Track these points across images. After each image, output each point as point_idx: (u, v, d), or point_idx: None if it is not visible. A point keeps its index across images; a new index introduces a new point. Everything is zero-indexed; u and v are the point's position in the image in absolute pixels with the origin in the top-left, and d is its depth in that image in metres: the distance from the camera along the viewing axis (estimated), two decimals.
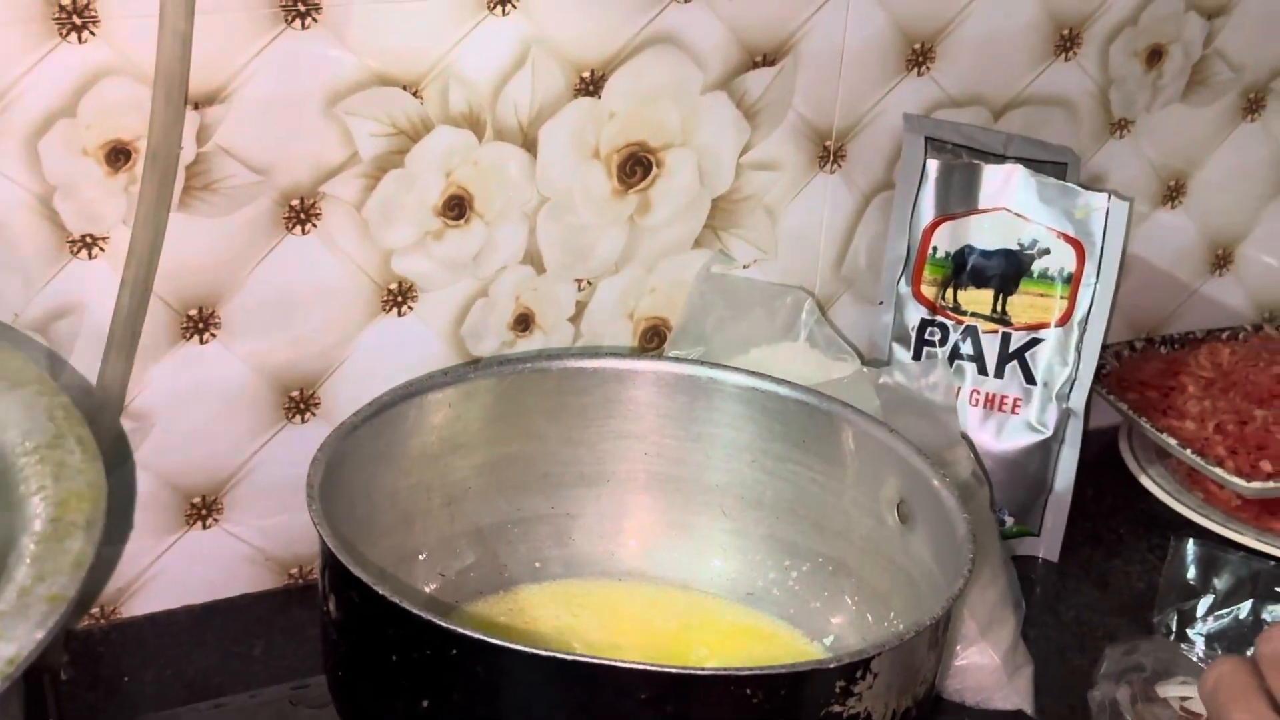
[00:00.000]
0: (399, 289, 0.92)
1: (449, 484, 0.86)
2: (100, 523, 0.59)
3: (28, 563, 0.57)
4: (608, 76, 0.92)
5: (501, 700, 0.68)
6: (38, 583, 0.56)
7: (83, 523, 0.59)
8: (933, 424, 0.94)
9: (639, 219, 0.97)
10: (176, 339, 0.87)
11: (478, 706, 0.68)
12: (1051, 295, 1.01)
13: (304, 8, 0.83)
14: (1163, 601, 0.95)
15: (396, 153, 0.89)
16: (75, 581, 0.56)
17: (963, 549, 0.76)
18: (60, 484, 0.61)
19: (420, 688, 0.69)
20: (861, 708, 0.69)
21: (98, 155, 0.82)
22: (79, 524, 0.59)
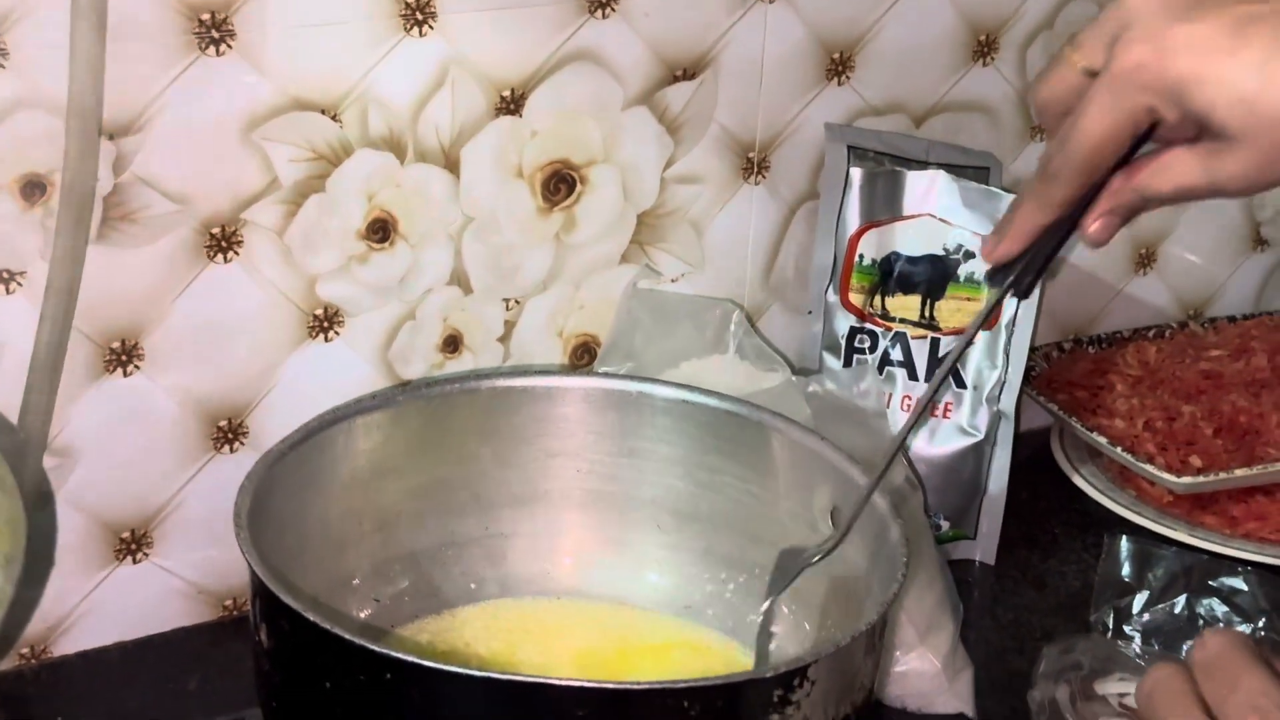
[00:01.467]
0: (325, 314, 0.91)
1: (380, 508, 0.85)
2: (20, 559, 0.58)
3: None
4: (528, 94, 0.92)
5: None
6: None
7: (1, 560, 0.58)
8: (864, 431, 0.94)
9: (565, 236, 0.96)
10: (99, 373, 0.86)
11: None
12: (978, 298, 1.01)
13: (218, 34, 0.82)
14: (1099, 599, 0.96)
15: (317, 177, 0.88)
16: None
17: (896, 554, 0.76)
18: None
19: (356, 714, 0.68)
20: (800, 716, 0.69)
21: (12, 189, 0.81)
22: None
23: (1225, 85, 0.59)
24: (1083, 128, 0.63)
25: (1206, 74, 0.59)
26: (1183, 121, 0.62)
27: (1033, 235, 0.67)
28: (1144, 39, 0.60)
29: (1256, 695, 0.55)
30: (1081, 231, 0.67)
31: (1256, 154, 0.60)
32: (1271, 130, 0.59)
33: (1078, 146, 0.63)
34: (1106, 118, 0.62)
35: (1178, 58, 0.60)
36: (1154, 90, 0.61)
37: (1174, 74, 0.60)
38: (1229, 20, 0.59)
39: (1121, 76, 0.61)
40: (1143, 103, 0.61)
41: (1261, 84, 0.58)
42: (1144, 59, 0.60)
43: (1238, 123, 0.59)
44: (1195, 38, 0.59)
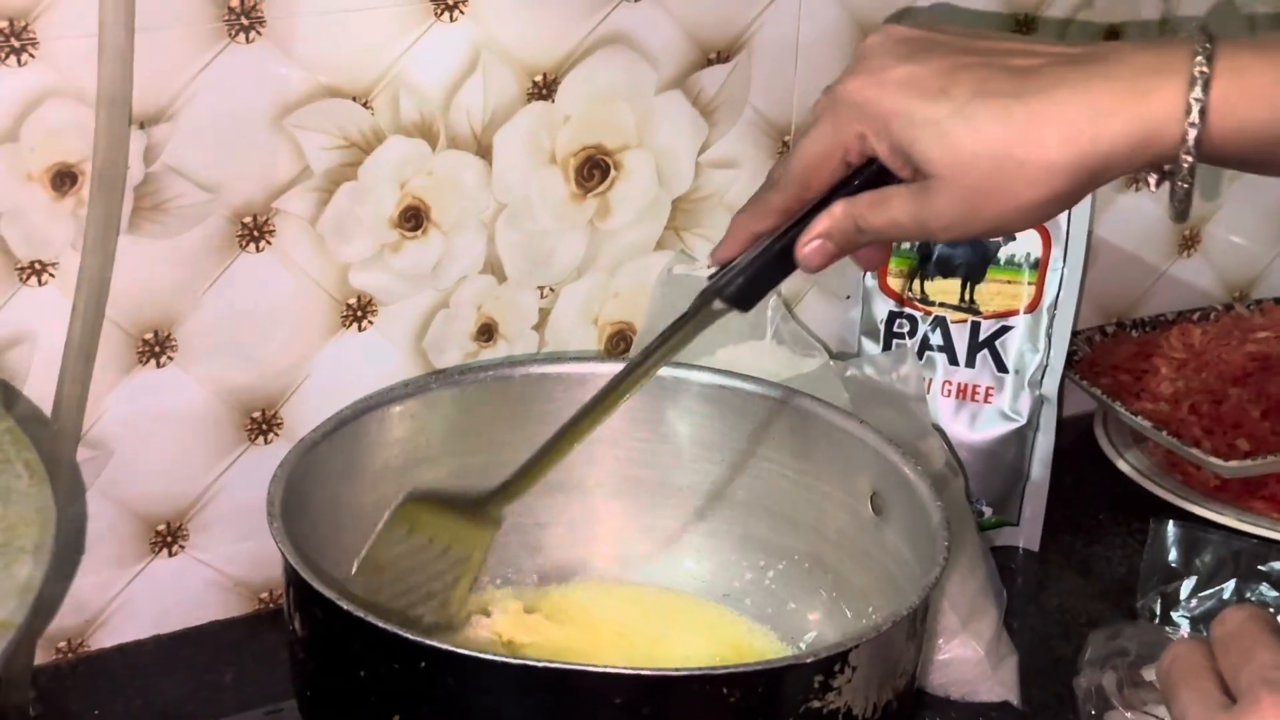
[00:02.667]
0: (358, 303, 0.90)
1: None
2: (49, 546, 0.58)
3: None
4: (560, 79, 0.91)
5: (474, 711, 0.66)
6: None
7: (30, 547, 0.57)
8: (904, 416, 0.93)
9: (599, 223, 0.96)
10: (132, 364, 0.86)
11: (450, 718, 0.66)
12: (1019, 282, 1.00)
13: (247, 21, 0.82)
14: (1145, 585, 0.95)
15: (349, 165, 0.87)
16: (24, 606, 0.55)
17: (938, 537, 0.75)
18: (8, 509, 0.60)
19: (390, 702, 0.68)
20: (841, 702, 0.68)
21: (43, 180, 0.80)
22: (26, 549, 0.57)
23: (928, 125, 0.62)
24: (804, 141, 0.67)
25: (914, 112, 0.63)
26: (893, 156, 0.64)
27: (747, 240, 0.69)
28: (868, 71, 0.65)
29: (1269, 669, 0.55)
30: (797, 254, 0.68)
31: (958, 194, 0.63)
32: (967, 173, 0.62)
33: (795, 158, 0.67)
34: (823, 137, 0.66)
35: (889, 92, 0.64)
36: (867, 120, 0.64)
37: (885, 107, 0.64)
38: (945, 65, 0.63)
39: (842, 100, 0.66)
40: (855, 129, 0.65)
41: (958, 126, 0.62)
42: (864, 90, 0.65)
43: (938, 161, 0.62)
44: (910, 77, 0.63)
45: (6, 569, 0.56)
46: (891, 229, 0.66)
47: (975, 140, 0.62)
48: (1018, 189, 0.62)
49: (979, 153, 0.62)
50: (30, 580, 0.56)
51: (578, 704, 0.66)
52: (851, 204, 0.66)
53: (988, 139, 0.62)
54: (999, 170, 0.62)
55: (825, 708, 0.68)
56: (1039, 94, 0.61)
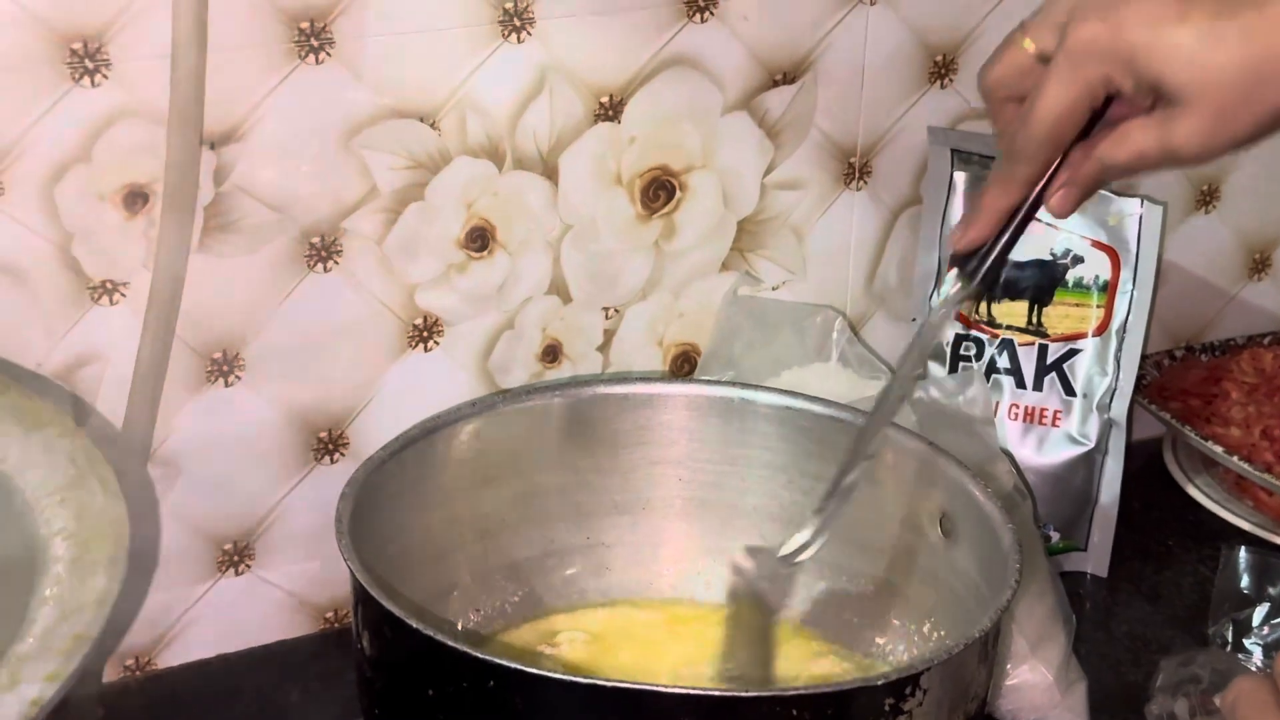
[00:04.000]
0: (424, 324, 0.91)
1: (481, 517, 0.85)
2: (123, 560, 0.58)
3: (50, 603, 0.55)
4: (626, 100, 0.91)
5: None
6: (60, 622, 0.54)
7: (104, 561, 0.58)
8: (971, 439, 0.92)
9: (664, 244, 0.95)
10: (201, 383, 0.86)
11: None
12: (1088, 304, 0.99)
13: (317, 42, 0.82)
14: (1217, 612, 0.93)
15: (416, 185, 0.88)
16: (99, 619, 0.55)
17: (1009, 560, 0.74)
18: (83, 524, 0.60)
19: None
20: None
21: (115, 200, 0.81)
22: (101, 562, 0.58)
23: (1174, 50, 0.63)
24: (1044, 104, 0.66)
25: (1157, 41, 0.63)
26: (1137, 90, 0.65)
27: (1003, 217, 0.69)
28: (1097, 16, 0.64)
29: None
30: (1046, 203, 0.69)
31: (1207, 114, 0.64)
32: (1219, 89, 0.63)
33: (1040, 121, 0.66)
34: (1068, 91, 0.65)
35: (1130, 29, 0.64)
36: (1110, 60, 0.64)
37: (1127, 43, 0.64)
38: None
39: (1078, 50, 0.65)
40: (1100, 73, 0.65)
41: (1207, 47, 0.63)
42: (1098, 33, 0.64)
43: (1187, 84, 0.63)
44: (1144, 11, 0.64)
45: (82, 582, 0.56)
46: (1137, 161, 0.66)
47: (1226, 57, 0.62)
48: (1266, 95, 0.63)
49: (1230, 67, 0.63)
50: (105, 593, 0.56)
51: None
52: (1090, 148, 0.67)
53: (1237, 53, 0.62)
54: (1249, 79, 0.63)
55: None
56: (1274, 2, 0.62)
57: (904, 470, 0.83)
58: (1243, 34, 0.62)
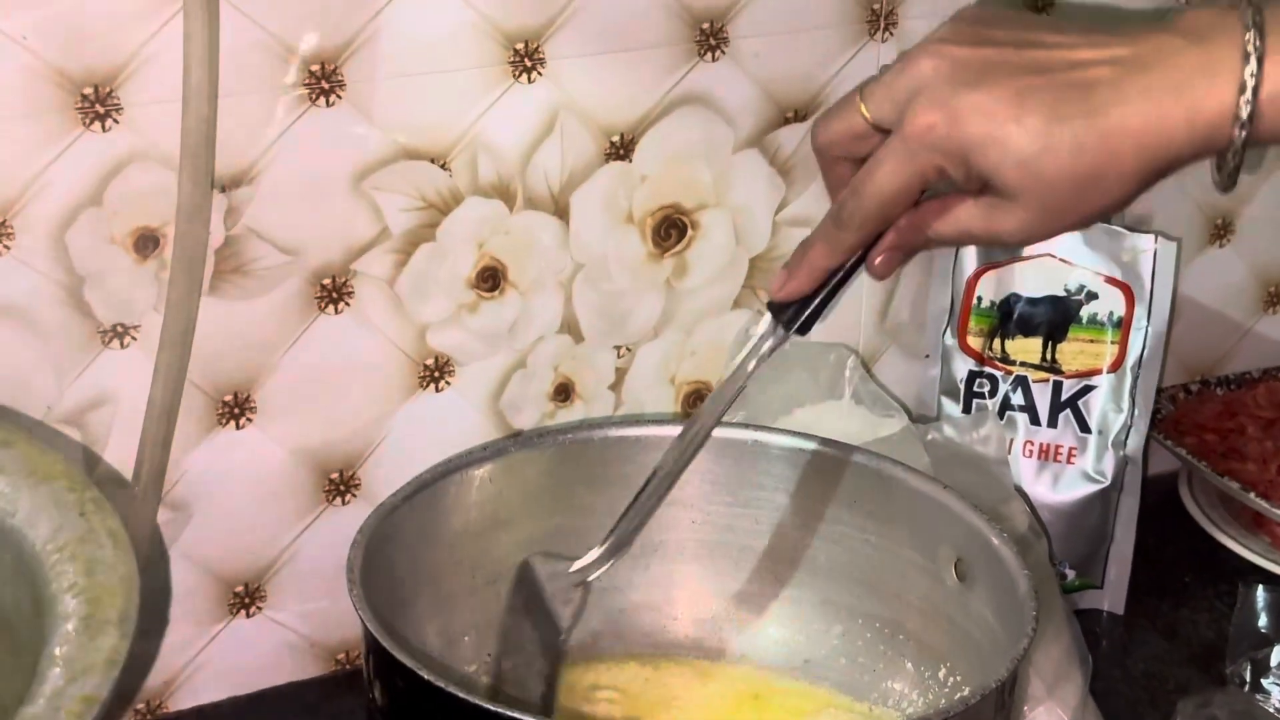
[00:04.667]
0: (436, 364, 0.90)
1: (492, 560, 0.84)
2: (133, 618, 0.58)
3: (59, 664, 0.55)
4: (638, 139, 0.91)
5: None
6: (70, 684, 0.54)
7: (115, 619, 0.57)
8: (985, 478, 0.92)
9: (676, 282, 0.95)
10: (212, 425, 0.86)
11: None
12: (1102, 341, 0.98)
13: (327, 85, 0.82)
14: (1234, 651, 0.93)
15: (427, 226, 0.88)
16: (108, 681, 0.54)
17: (1025, 606, 0.73)
18: (92, 579, 0.59)
19: None
20: None
21: (125, 243, 0.81)
22: (111, 620, 0.57)
23: (1008, 149, 0.64)
24: (877, 181, 0.68)
25: (991, 141, 0.65)
26: (969, 181, 0.67)
27: (822, 276, 0.72)
28: (936, 104, 0.66)
29: None
30: (868, 266, 0.71)
31: (1034, 211, 0.66)
32: (1047, 190, 0.65)
33: (871, 198, 0.68)
34: (900, 173, 0.67)
35: (966, 123, 0.65)
36: (944, 151, 0.66)
37: (962, 137, 0.65)
38: (1011, 90, 0.65)
39: (915, 137, 0.66)
40: (934, 162, 0.66)
41: (1039, 152, 0.64)
42: (935, 122, 0.65)
43: (1018, 183, 0.65)
44: (982, 105, 0.65)
45: (92, 641, 0.56)
46: (962, 237, 0.70)
47: (1057, 165, 0.64)
48: (1093, 199, 0.66)
49: (1061, 175, 0.65)
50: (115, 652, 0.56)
51: None
52: (919, 215, 0.69)
53: (1068, 163, 0.64)
54: (1078, 186, 0.65)
55: None
56: (1107, 110, 0.64)
57: (918, 514, 0.83)
58: (1075, 144, 0.64)
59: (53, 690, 0.54)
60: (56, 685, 0.54)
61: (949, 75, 0.66)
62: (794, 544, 0.87)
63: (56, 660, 0.55)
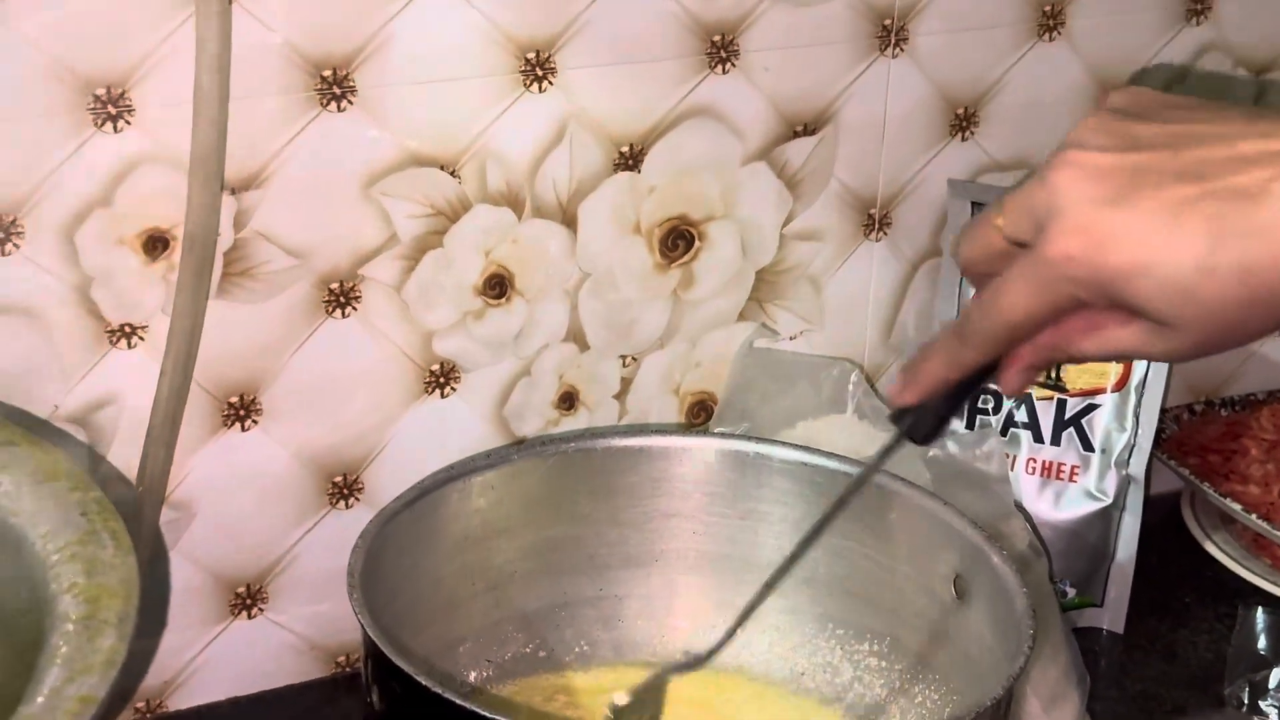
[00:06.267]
0: (441, 370, 0.91)
1: (493, 568, 0.85)
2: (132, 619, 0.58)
3: (58, 664, 0.55)
4: (647, 150, 0.91)
5: None
6: (68, 684, 0.54)
7: (114, 620, 0.57)
8: (986, 496, 0.92)
9: (682, 293, 0.95)
10: (217, 427, 0.86)
11: None
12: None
13: (339, 90, 0.83)
14: (1233, 673, 0.93)
15: (435, 233, 0.88)
16: (106, 681, 0.55)
17: (1023, 624, 0.74)
18: (92, 580, 0.60)
19: None
20: None
21: (134, 244, 0.81)
22: (110, 621, 0.57)
23: (1163, 279, 0.56)
24: (1004, 303, 0.61)
25: (1142, 268, 0.56)
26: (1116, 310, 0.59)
27: (937, 389, 0.65)
28: (1075, 230, 0.57)
29: None
30: (1000, 382, 0.64)
31: (1196, 336, 0.58)
32: (1210, 319, 0.57)
33: (996, 318, 0.61)
34: (1031, 300, 0.60)
35: (1111, 250, 0.57)
36: (1084, 283, 0.58)
37: (1109, 268, 0.57)
38: (1163, 207, 0.56)
39: (1051, 264, 0.58)
40: (1070, 293, 0.59)
41: (1200, 277, 0.56)
42: (1075, 252, 0.57)
43: (1176, 313, 0.57)
44: (1129, 228, 0.57)
45: (90, 641, 0.56)
46: (1111, 355, 0.62)
47: (1222, 294, 0.56)
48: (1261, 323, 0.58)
49: (1227, 304, 0.56)
50: (114, 653, 0.56)
51: None
52: (1060, 334, 0.61)
53: (1235, 290, 0.56)
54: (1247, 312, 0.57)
55: None
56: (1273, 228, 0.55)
57: (917, 530, 0.83)
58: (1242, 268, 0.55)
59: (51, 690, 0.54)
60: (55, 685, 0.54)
61: (1091, 192, 0.57)
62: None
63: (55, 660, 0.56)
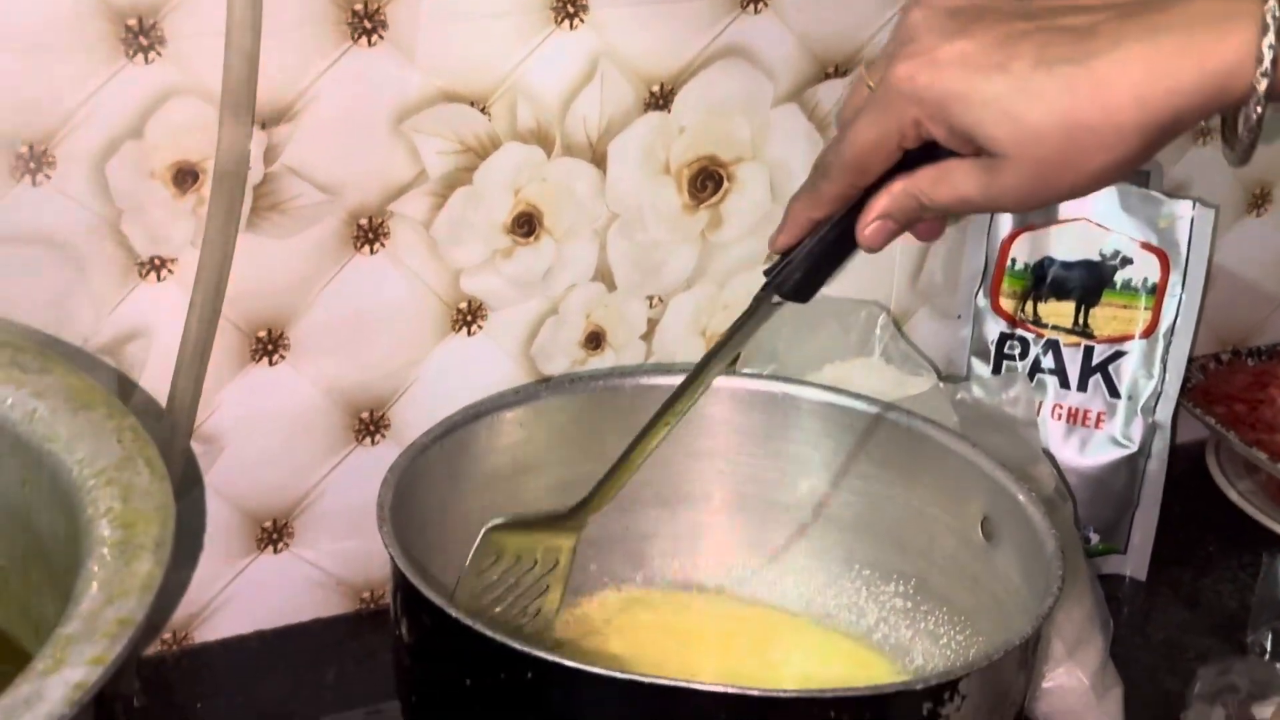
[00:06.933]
0: (468, 308, 0.91)
1: (520, 504, 0.84)
2: (169, 544, 0.58)
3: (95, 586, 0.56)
4: (677, 90, 0.91)
5: None
6: (106, 606, 0.55)
7: (151, 544, 0.58)
8: (1013, 440, 0.92)
9: (710, 235, 0.95)
10: (246, 361, 0.86)
11: None
12: (1135, 307, 0.98)
13: (370, 25, 0.82)
14: (1256, 620, 0.93)
15: (464, 170, 0.88)
16: (143, 605, 0.55)
17: (1051, 566, 0.74)
18: (128, 506, 0.60)
19: (495, 712, 0.68)
20: None
21: (165, 177, 0.81)
22: (147, 546, 0.58)
23: (990, 104, 0.59)
24: (854, 132, 0.64)
25: (972, 92, 0.60)
26: (952, 138, 0.61)
27: (805, 227, 0.68)
28: (916, 54, 0.61)
29: None
30: (858, 235, 0.67)
31: (1028, 167, 0.60)
32: (1037, 145, 0.59)
33: (847, 147, 0.65)
34: (875, 125, 0.63)
35: (944, 73, 0.60)
36: (921, 102, 0.61)
37: (939, 89, 0.60)
38: (995, 37, 0.59)
39: (892, 87, 0.62)
40: (910, 114, 0.62)
41: (1025, 101, 0.58)
42: (913, 72, 0.61)
43: (1005, 139, 0.59)
44: (963, 55, 0.60)
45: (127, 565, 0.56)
46: (959, 204, 0.64)
47: (1043, 114, 0.59)
48: (1090, 155, 0.59)
49: (1048, 126, 0.59)
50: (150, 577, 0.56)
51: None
52: (912, 181, 0.64)
53: (1056, 110, 0.58)
54: (1070, 140, 0.59)
55: None
56: (1102, 55, 0.58)
57: (946, 472, 0.83)
58: (1062, 89, 0.58)
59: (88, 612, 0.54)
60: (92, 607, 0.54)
61: (936, 25, 0.61)
62: (821, 498, 0.87)
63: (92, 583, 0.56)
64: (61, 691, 0.51)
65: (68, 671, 0.52)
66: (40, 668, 0.52)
